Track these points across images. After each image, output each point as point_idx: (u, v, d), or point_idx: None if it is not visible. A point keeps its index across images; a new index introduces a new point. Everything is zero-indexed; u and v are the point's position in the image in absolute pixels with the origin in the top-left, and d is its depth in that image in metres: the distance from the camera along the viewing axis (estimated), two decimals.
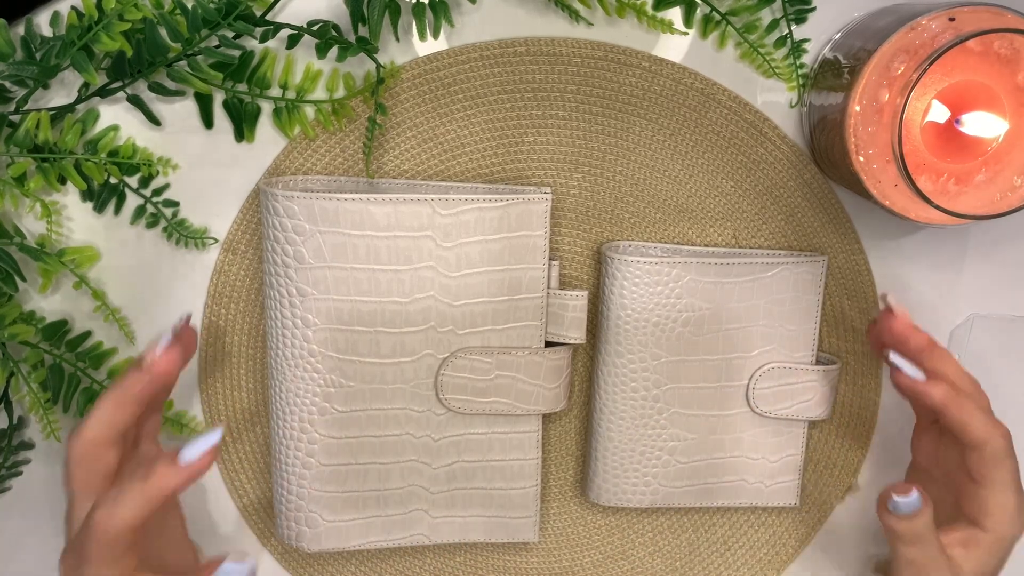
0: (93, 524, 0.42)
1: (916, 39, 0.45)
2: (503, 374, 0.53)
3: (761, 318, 0.55)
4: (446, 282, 0.52)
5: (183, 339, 0.48)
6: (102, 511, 0.42)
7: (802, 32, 0.53)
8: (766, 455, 0.57)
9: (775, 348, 0.55)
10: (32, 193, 0.51)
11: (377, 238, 0.51)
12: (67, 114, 0.52)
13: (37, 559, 0.59)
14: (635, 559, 0.61)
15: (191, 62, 0.50)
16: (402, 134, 0.54)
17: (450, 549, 0.60)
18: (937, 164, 0.47)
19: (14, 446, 0.57)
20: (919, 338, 0.50)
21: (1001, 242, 0.57)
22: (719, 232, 0.56)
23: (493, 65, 0.53)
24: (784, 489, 0.58)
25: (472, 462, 0.55)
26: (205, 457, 0.43)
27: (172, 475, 0.43)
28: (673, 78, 0.53)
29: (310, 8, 0.52)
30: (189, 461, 0.43)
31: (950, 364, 0.50)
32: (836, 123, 0.48)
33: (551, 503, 0.60)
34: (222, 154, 0.54)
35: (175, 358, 0.46)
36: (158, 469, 0.42)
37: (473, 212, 0.51)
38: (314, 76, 0.52)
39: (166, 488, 0.42)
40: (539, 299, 0.53)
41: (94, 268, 0.55)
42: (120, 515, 0.42)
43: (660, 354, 0.55)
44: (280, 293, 0.52)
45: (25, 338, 0.53)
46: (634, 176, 0.55)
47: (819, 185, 0.55)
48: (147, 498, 0.42)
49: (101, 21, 0.48)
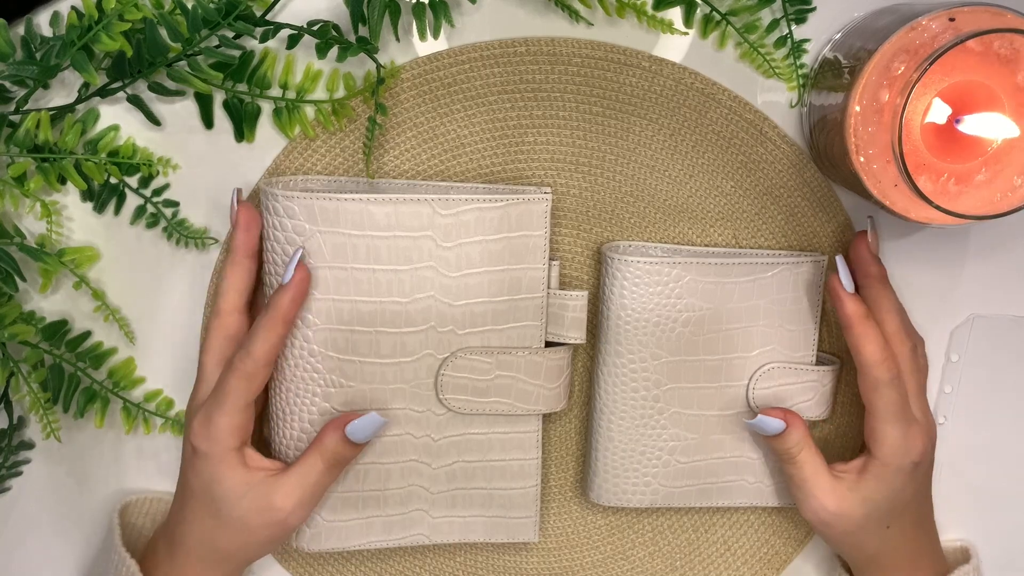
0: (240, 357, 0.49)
1: (916, 39, 0.45)
2: (503, 374, 0.53)
3: (761, 318, 0.55)
4: (446, 282, 0.52)
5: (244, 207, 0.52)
6: (247, 344, 0.49)
7: (802, 32, 0.53)
8: (766, 455, 0.57)
9: (775, 348, 0.55)
10: (32, 193, 0.51)
11: (377, 238, 0.51)
12: (67, 114, 0.52)
13: (37, 558, 0.59)
14: (635, 559, 0.61)
15: (191, 62, 0.50)
16: (402, 134, 0.54)
17: (450, 549, 0.60)
18: (937, 164, 0.47)
19: (14, 446, 0.57)
20: (874, 268, 0.53)
21: (1001, 242, 0.57)
22: (719, 232, 0.56)
23: (493, 65, 0.53)
24: (784, 489, 0.58)
25: (472, 462, 0.55)
26: (300, 269, 0.50)
27: (284, 294, 0.49)
28: (673, 78, 0.53)
29: (310, 8, 0.52)
30: (289, 277, 0.49)
31: (886, 303, 0.53)
32: (836, 123, 0.48)
33: (551, 503, 0.60)
34: (222, 154, 0.54)
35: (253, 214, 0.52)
36: (273, 298, 0.49)
37: (473, 212, 0.51)
38: (314, 76, 0.52)
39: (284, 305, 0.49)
40: (539, 299, 0.53)
41: (94, 268, 0.55)
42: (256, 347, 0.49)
43: (660, 354, 0.55)
44: None
45: (25, 338, 0.53)
46: (634, 176, 0.55)
47: (819, 185, 0.55)
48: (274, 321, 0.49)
49: (101, 21, 0.48)
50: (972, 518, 0.61)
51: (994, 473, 0.60)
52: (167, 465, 0.58)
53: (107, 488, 0.58)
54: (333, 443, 0.51)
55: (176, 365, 0.57)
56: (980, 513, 0.61)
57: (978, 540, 0.61)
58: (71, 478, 0.58)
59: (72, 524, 0.59)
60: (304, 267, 0.50)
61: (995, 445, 0.60)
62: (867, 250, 0.53)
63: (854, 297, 0.52)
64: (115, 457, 0.58)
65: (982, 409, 0.59)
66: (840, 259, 0.53)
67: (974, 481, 0.60)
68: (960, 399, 0.59)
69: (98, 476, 0.58)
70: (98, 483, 0.58)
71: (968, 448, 0.60)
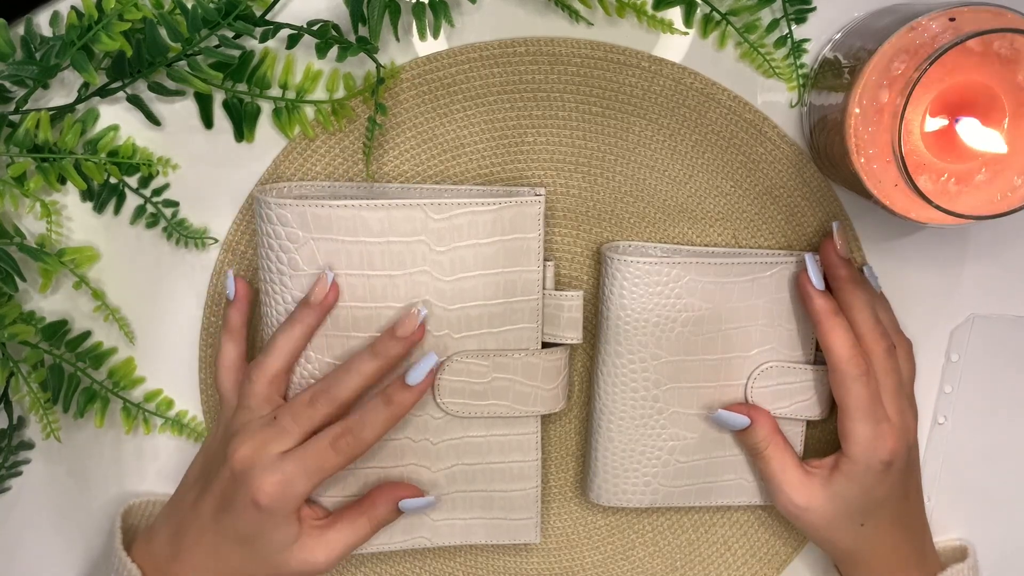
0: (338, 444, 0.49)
1: (916, 39, 0.45)
2: (500, 376, 0.53)
3: (760, 318, 0.55)
4: (441, 286, 0.52)
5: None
6: (351, 435, 0.50)
7: (802, 32, 0.53)
8: None
9: (774, 348, 0.55)
10: (32, 193, 0.51)
11: (371, 244, 0.51)
12: (67, 114, 0.52)
13: (37, 558, 0.59)
14: (635, 559, 0.61)
15: (191, 62, 0.50)
16: (402, 134, 0.54)
17: (450, 550, 0.60)
18: (937, 164, 0.47)
19: (14, 446, 0.57)
20: (843, 270, 0.53)
21: (1001, 242, 0.57)
22: (719, 232, 0.56)
23: (493, 65, 0.53)
24: None
25: (472, 465, 0.55)
26: (429, 376, 0.51)
27: (409, 394, 0.51)
28: (673, 78, 0.53)
29: (310, 8, 0.52)
30: (417, 380, 0.50)
31: (858, 303, 0.52)
32: (836, 123, 0.48)
33: (551, 504, 0.60)
34: (222, 154, 0.54)
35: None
36: (394, 395, 0.50)
37: (466, 216, 0.51)
38: (314, 76, 0.52)
39: (408, 405, 0.51)
40: (535, 301, 0.53)
41: (94, 268, 0.55)
42: (366, 435, 0.50)
43: (660, 354, 0.55)
44: (276, 300, 0.52)
45: (25, 338, 0.53)
46: (634, 176, 0.55)
47: (819, 185, 0.55)
48: (392, 417, 0.50)
49: (101, 21, 0.48)
50: (971, 518, 0.61)
51: (993, 473, 0.60)
52: (167, 465, 0.58)
53: (107, 488, 0.59)
54: (384, 512, 0.53)
55: (176, 365, 0.57)
56: (979, 513, 0.61)
57: (977, 540, 0.61)
58: (71, 478, 0.58)
59: (72, 524, 0.59)
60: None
61: (995, 445, 0.60)
62: (835, 253, 0.53)
63: (822, 293, 0.53)
64: (115, 457, 0.58)
65: (982, 409, 0.59)
66: (810, 256, 0.53)
67: (973, 481, 0.60)
68: (960, 399, 0.59)
69: (98, 476, 0.58)
70: (98, 483, 0.58)
71: (968, 448, 0.60)
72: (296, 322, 0.51)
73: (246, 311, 0.54)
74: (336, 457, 0.49)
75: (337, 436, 0.49)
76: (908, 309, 0.57)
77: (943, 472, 0.59)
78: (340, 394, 0.50)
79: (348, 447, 0.49)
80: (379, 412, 0.50)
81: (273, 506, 0.48)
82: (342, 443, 0.49)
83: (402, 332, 0.51)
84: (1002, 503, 0.61)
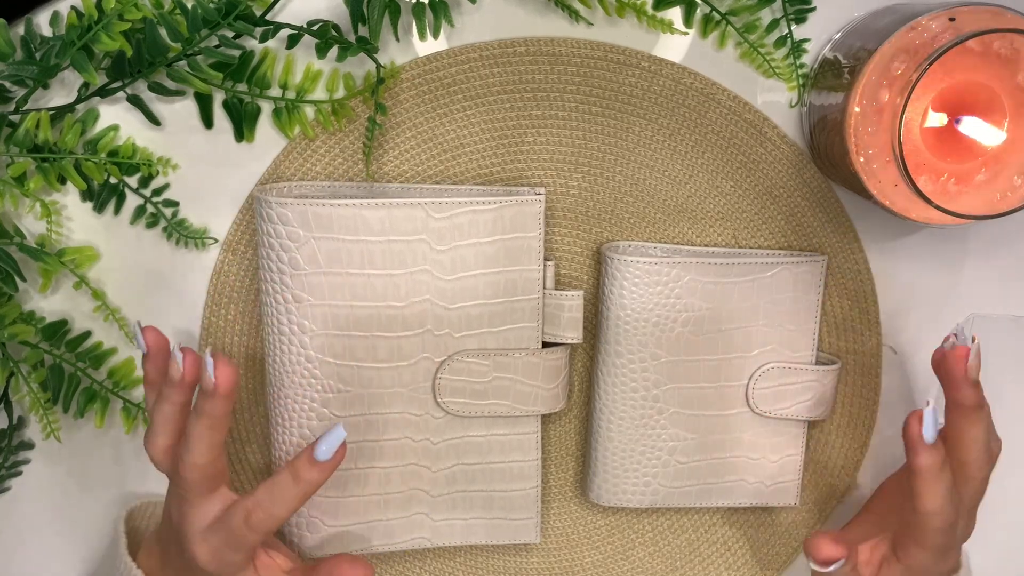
0: (251, 520, 0.47)
1: (916, 39, 0.45)
2: (501, 376, 0.53)
3: (761, 318, 0.55)
4: (441, 285, 0.52)
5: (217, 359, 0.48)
6: (261, 510, 0.47)
7: (802, 32, 0.53)
8: (766, 455, 0.57)
9: (775, 348, 0.55)
10: (32, 193, 0.51)
11: (371, 243, 0.51)
12: (67, 114, 0.52)
13: (37, 558, 0.59)
14: (635, 559, 0.61)
15: (191, 62, 0.50)
16: (402, 134, 0.54)
17: (451, 550, 0.60)
18: (937, 164, 0.47)
19: (14, 446, 0.57)
20: (970, 394, 0.46)
21: (1001, 242, 0.57)
22: (719, 232, 0.56)
23: (493, 65, 0.53)
24: (784, 489, 0.58)
25: (472, 464, 0.55)
26: (340, 450, 0.47)
27: (317, 471, 0.47)
28: (673, 78, 0.53)
29: (310, 8, 0.51)
30: (327, 456, 0.47)
31: (973, 433, 0.47)
32: (836, 123, 0.48)
33: (551, 504, 0.60)
34: (222, 154, 0.54)
35: (230, 371, 0.47)
36: (302, 471, 0.47)
37: (467, 215, 0.51)
38: (314, 76, 0.52)
39: (318, 482, 0.47)
40: (535, 300, 0.53)
41: (94, 268, 0.55)
42: (277, 512, 0.47)
43: (660, 354, 0.55)
44: (276, 300, 0.52)
45: (25, 338, 0.53)
46: (634, 176, 0.55)
47: (819, 185, 0.55)
48: (301, 495, 0.47)
49: (101, 21, 0.48)
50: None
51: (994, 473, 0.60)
52: None
53: (107, 488, 0.59)
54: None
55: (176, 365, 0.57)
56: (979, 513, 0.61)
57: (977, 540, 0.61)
58: (71, 478, 0.58)
59: (72, 524, 0.59)
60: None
61: None
62: (963, 371, 0.46)
63: (932, 449, 0.45)
64: (115, 457, 0.58)
65: None
66: (931, 411, 0.45)
67: None
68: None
69: (98, 476, 0.58)
70: (98, 483, 0.58)
71: None
72: (165, 401, 0.48)
73: (162, 362, 0.50)
74: (252, 534, 0.47)
75: (249, 512, 0.47)
76: (908, 309, 0.57)
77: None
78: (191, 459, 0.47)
79: (261, 524, 0.47)
80: (287, 489, 0.47)
81: (218, 570, 0.48)
82: (254, 520, 0.47)
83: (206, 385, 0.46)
84: (1002, 503, 0.61)
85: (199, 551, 0.48)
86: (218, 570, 0.48)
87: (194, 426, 0.47)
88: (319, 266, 0.51)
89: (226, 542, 0.48)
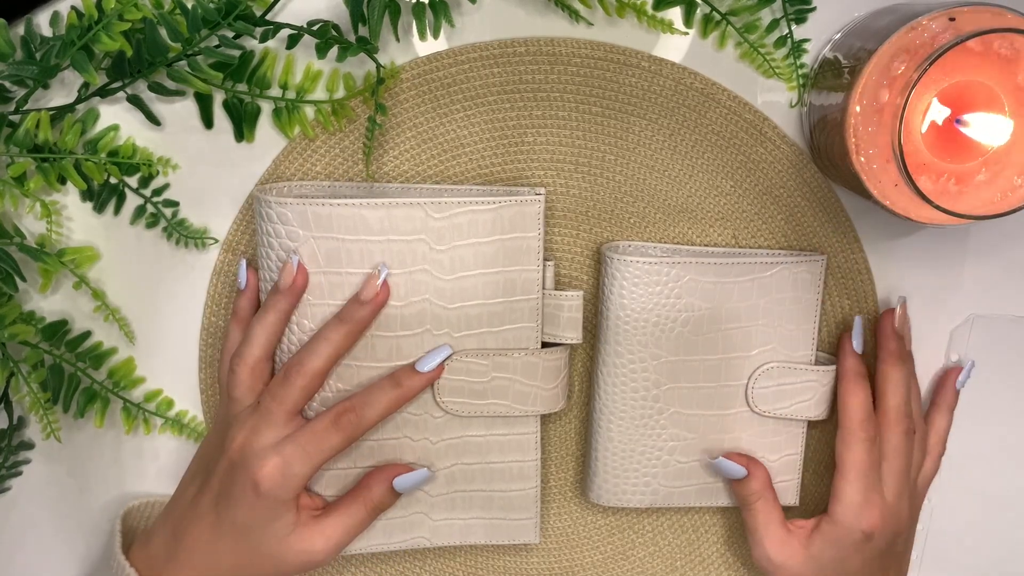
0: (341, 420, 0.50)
1: (916, 39, 0.45)
2: (500, 376, 0.53)
3: (760, 318, 0.55)
4: (441, 285, 0.52)
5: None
6: (353, 412, 0.50)
7: (802, 32, 0.53)
8: (766, 454, 0.57)
9: (775, 348, 0.55)
10: (32, 193, 0.51)
11: (371, 242, 0.51)
12: (67, 114, 0.52)
13: (37, 558, 0.59)
14: (635, 559, 0.61)
15: (191, 62, 0.50)
16: (402, 134, 0.54)
17: (450, 550, 0.60)
18: (937, 164, 0.47)
19: (14, 446, 0.57)
20: (893, 344, 0.55)
21: (1001, 242, 0.57)
22: (719, 232, 0.56)
23: (493, 65, 0.53)
24: (784, 489, 0.58)
25: (471, 464, 0.55)
26: (440, 367, 0.52)
27: (418, 379, 0.51)
28: (673, 78, 0.53)
29: (310, 8, 0.52)
30: (429, 368, 0.51)
31: (894, 380, 0.54)
32: (836, 123, 0.48)
33: (551, 503, 0.60)
34: (222, 154, 0.54)
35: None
36: (403, 378, 0.51)
37: (466, 215, 0.51)
38: (314, 76, 0.52)
39: (416, 389, 0.52)
40: (534, 300, 0.53)
41: (94, 268, 0.55)
42: (368, 414, 0.50)
43: (660, 354, 0.54)
44: None
45: (25, 338, 0.53)
46: (634, 176, 0.55)
47: (819, 185, 0.55)
48: (397, 399, 0.51)
49: (101, 21, 0.48)
50: (971, 518, 0.61)
51: (994, 473, 0.60)
52: (167, 466, 0.58)
53: (107, 488, 0.59)
54: (380, 494, 0.52)
55: (176, 365, 0.57)
56: (979, 513, 0.61)
57: (977, 540, 0.61)
58: (71, 478, 0.58)
59: (72, 524, 0.59)
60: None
61: (995, 445, 0.60)
62: (890, 325, 0.55)
63: (856, 356, 0.55)
64: (115, 457, 0.58)
65: (982, 409, 0.59)
66: (858, 319, 0.55)
67: (974, 481, 0.60)
68: (960, 399, 0.59)
69: (98, 476, 0.58)
70: (98, 483, 0.58)
71: (968, 448, 0.60)
72: (269, 310, 0.51)
73: (255, 300, 0.54)
74: (337, 435, 0.49)
75: (340, 413, 0.50)
76: (908, 309, 0.57)
77: (943, 472, 0.58)
78: (311, 363, 0.50)
79: (350, 425, 0.50)
80: (385, 392, 0.51)
81: (273, 490, 0.48)
82: (344, 420, 0.50)
83: (366, 295, 0.50)
84: (1002, 503, 0.61)
85: (266, 467, 0.48)
86: (277, 487, 0.48)
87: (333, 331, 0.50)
88: (319, 265, 0.51)
89: (304, 449, 0.49)
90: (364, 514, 0.52)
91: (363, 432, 0.50)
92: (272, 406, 0.50)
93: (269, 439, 0.49)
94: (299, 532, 0.50)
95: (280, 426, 0.50)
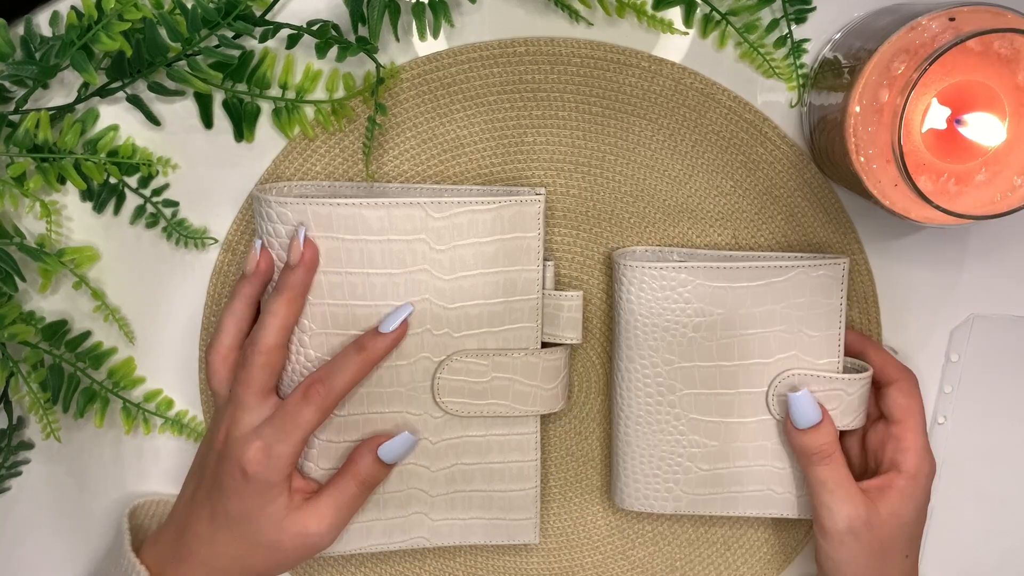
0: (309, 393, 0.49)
1: (916, 39, 0.45)
2: (500, 376, 0.53)
3: (778, 323, 0.53)
4: (441, 285, 0.52)
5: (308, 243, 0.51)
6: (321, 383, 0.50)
7: (802, 32, 0.53)
8: (791, 465, 0.55)
9: (796, 355, 0.53)
10: (32, 193, 0.51)
11: (371, 242, 0.51)
12: (67, 114, 0.52)
13: (37, 558, 0.59)
14: (635, 559, 0.61)
15: (191, 62, 0.50)
16: (402, 135, 0.54)
17: (450, 550, 0.60)
18: (937, 164, 0.47)
19: (14, 446, 0.57)
20: None
21: (1001, 242, 0.57)
22: (719, 232, 0.56)
23: (493, 65, 0.53)
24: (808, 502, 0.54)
25: (471, 464, 0.55)
26: (403, 325, 0.51)
27: (381, 341, 0.51)
28: (673, 78, 0.53)
29: (310, 8, 0.52)
30: (392, 328, 0.51)
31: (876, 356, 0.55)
32: (836, 123, 0.48)
33: (551, 503, 0.60)
34: (222, 154, 0.54)
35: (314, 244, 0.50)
36: (366, 341, 0.51)
37: (466, 215, 0.51)
38: (314, 76, 0.52)
39: (381, 352, 0.51)
40: (534, 300, 0.53)
41: (94, 268, 0.55)
42: (336, 383, 0.50)
43: (672, 359, 0.54)
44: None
45: (25, 338, 0.53)
46: (634, 176, 0.55)
47: (819, 185, 0.55)
48: (363, 363, 0.51)
49: (101, 21, 0.48)
50: (971, 518, 0.61)
51: (994, 473, 0.60)
52: (167, 465, 0.58)
53: (107, 489, 0.59)
54: (366, 466, 0.52)
55: (176, 365, 0.57)
56: (979, 513, 0.61)
57: (977, 539, 0.61)
58: (71, 478, 0.58)
59: (72, 524, 0.59)
60: None
61: (995, 445, 0.60)
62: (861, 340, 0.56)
63: None
64: (115, 457, 0.58)
65: (982, 409, 0.59)
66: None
67: (974, 481, 0.60)
68: (960, 399, 0.59)
69: (98, 476, 0.58)
70: (98, 483, 0.58)
71: (968, 448, 0.60)
72: (236, 297, 0.51)
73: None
74: (308, 408, 0.49)
75: (308, 386, 0.50)
76: (908, 309, 0.57)
77: (943, 472, 0.58)
78: (264, 339, 0.50)
79: (319, 395, 0.49)
80: (350, 359, 0.50)
81: (260, 473, 0.49)
82: (313, 392, 0.49)
83: (293, 259, 0.50)
84: (1002, 503, 0.61)
85: (248, 451, 0.48)
86: (264, 470, 0.48)
87: (273, 303, 0.50)
88: (318, 265, 0.51)
89: (280, 429, 0.49)
90: (355, 488, 0.52)
91: (335, 402, 0.50)
92: (240, 391, 0.50)
93: (248, 424, 0.49)
94: (292, 515, 0.50)
95: (254, 409, 0.50)
